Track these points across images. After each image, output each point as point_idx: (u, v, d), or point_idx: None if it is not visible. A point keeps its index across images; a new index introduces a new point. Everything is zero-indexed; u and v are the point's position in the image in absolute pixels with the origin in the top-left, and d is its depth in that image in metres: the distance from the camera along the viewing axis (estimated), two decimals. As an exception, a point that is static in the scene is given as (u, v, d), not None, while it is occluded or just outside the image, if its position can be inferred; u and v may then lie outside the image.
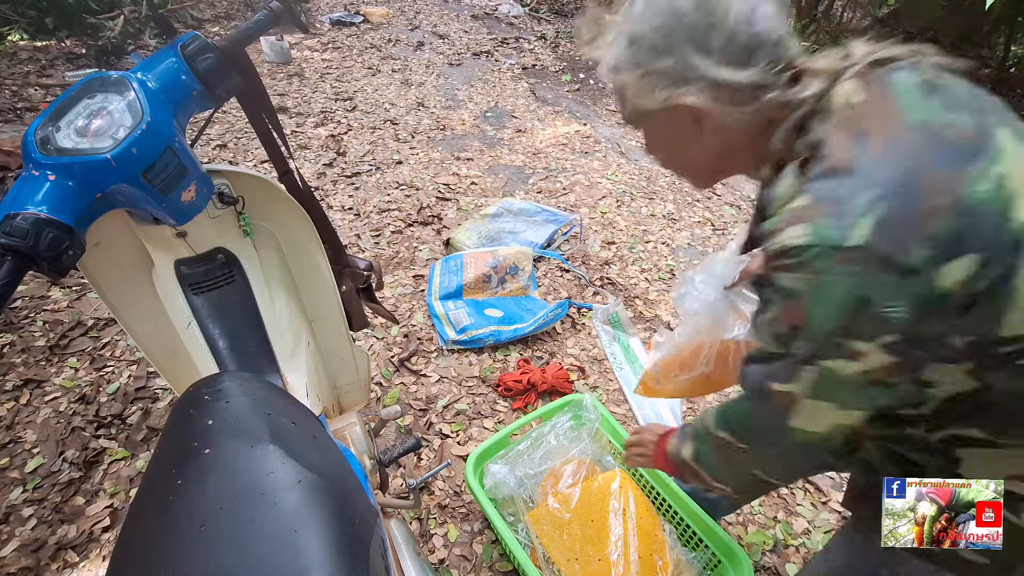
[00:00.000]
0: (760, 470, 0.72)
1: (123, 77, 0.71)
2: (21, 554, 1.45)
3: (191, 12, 5.64)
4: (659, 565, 1.35)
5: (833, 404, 0.58)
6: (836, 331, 0.52)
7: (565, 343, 2.32)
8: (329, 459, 0.66)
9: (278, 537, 0.51)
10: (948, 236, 0.48)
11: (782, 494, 1.76)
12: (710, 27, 0.57)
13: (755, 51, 0.58)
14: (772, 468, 0.71)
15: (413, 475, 1.72)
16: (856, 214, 0.49)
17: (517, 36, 6.58)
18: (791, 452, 0.66)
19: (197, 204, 0.80)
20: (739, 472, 0.74)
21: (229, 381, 0.72)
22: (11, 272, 0.60)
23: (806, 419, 0.60)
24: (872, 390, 0.56)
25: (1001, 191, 0.49)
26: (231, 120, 3.91)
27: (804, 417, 0.60)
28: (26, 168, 0.65)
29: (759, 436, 0.68)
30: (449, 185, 3.41)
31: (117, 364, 2.03)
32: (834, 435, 0.62)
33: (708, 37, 0.58)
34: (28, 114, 3.64)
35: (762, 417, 0.65)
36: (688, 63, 0.59)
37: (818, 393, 0.57)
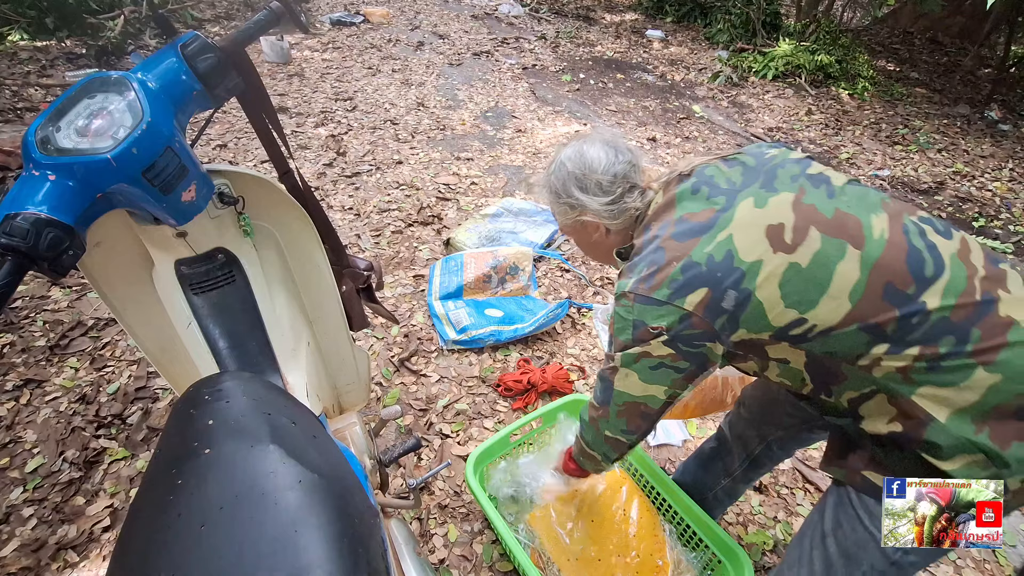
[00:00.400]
0: (608, 429, 1.01)
1: (123, 77, 0.71)
2: (21, 554, 1.45)
3: (191, 12, 5.64)
4: (659, 565, 1.35)
5: (636, 375, 0.90)
6: (631, 339, 0.87)
7: (565, 343, 2.32)
8: (329, 459, 0.66)
9: (278, 537, 0.51)
10: (682, 280, 0.80)
11: (782, 494, 1.77)
12: (585, 177, 0.95)
13: (612, 184, 0.94)
14: (615, 424, 1.00)
15: (413, 475, 1.72)
16: (634, 274, 0.86)
17: (517, 36, 6.58)
18: (622, 411, 0.96)
19: (197, 204, 0.80)
20: (600, 435, 1.04)
21: (229, 381, 0.72)
22: (11, 272, 0.60)
23: (622, 382, 0.93)
24: (664, 369, 0.87)
25: (723, 247, 0.79)
26: (231, 120, 3.91)
27: (620, 381, 0.93)
28: (26, 168, 0.65)
29: (602, 397, 0.98)
30: (449, 185, 3.41)
31: (117, 364, 2.03)
32: (648, 401, 0.92)
33: (585, 183, 0.95)
34: (28, 114, 3.64)
35: (603, 382, 0.97)
36: (578, 198, 0.96)
37: (627, 366, 0.90)
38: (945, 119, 5.21)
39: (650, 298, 0.82)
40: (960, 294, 0.75)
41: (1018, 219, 3.64)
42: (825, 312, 0.76)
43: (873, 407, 0.82)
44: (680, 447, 1.91)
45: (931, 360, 0.74)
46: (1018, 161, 4.44)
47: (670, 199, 0.88)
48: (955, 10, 7.79)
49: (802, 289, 0.77)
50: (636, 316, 0.84)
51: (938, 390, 0.75)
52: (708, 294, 0.79)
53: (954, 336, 0.74)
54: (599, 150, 0.96)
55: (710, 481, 1.40)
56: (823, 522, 0.93)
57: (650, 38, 7.04)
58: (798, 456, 1.90)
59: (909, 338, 0.75)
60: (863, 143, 4.63)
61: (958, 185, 4.06)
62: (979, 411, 0.74)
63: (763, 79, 5.81)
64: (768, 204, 0.80)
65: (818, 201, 0.80)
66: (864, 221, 0.79)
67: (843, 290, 0.76)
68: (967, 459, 0.75)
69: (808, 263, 0.76)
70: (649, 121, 4.74)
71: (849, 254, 0.76)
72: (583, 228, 1.01)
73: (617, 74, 5.74)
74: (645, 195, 0.95)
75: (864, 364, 0.78)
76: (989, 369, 0.73)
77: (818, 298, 0.76)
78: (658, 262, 0.83)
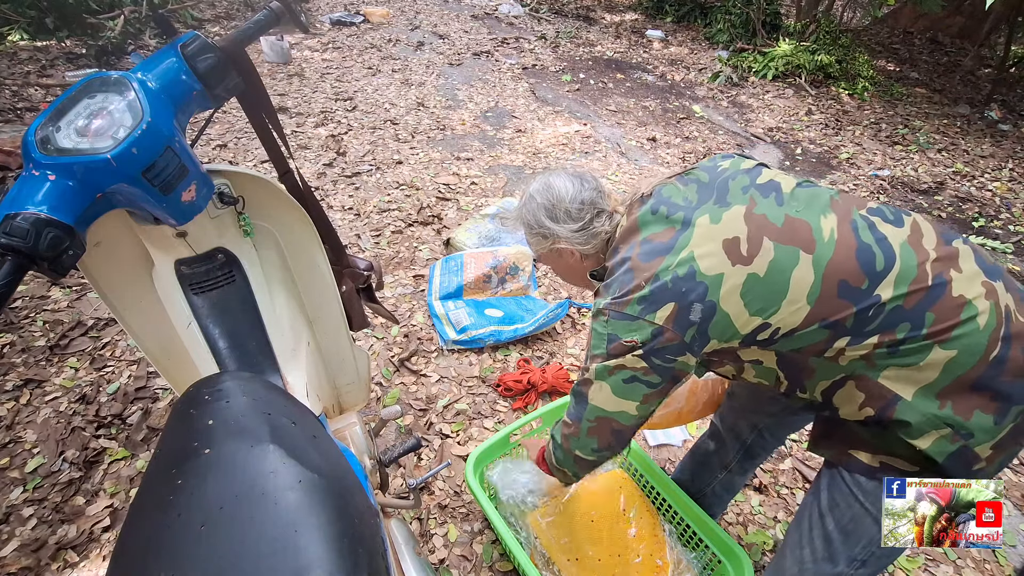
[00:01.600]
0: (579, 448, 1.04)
1: (123, 77, 0.71)
2: (21, 554, 1.45)
3: (191, 12, 5.64)
4: (659, 565, 1.35)
5: (610, 388, 0.93)
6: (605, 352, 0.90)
7: (565, 343, 2.32)
8: (329, 459, 0.66)
9: (278, 537, 0.51)
10: (650, 296, 0.84)
11: (782, 494, 1.77)
12: (554, 207, 1.00)
13: (580, 212, 0.99)
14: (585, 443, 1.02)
15: (413, 475, 1.72)
16: (607, 294, 0.90)
17: (517, 36, 6.58)
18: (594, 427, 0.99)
19: (197, 204, 0.80)
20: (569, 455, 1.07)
21: (229, 381, 0.72)
22: (11, 272, 0.60)
23: (596, 395, 0.95)
24: (636, 383, 0.91)
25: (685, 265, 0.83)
26: (231, 120, 3.91)
27: (594, 394, 0.95)
28: (26, 168, 0.65)
29: (575, 413, 1.01)
30: (449, 185, 3.41)
31: (117, 364, 2.03)
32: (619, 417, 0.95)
33: (554, 212, 1.00)
34: (28, 114, 3.64)
35: (577, 396, 1.00)
36: (549, 228, 1.01)
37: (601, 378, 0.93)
38: (945, 119, 5.21)
39: (623, 313, 0.87)
40: (911, 281, 0.79)
41: (1018, 219, 3.64)
42: (786, 315, 0.81)
43: (844, 395, 0.86)
44: (680, 447, 1.91)
45: (890, 345, 0.79)
46: (1018, 161, 4.44)
47: (633, 222, 0.93)
48: (955, 10, 7.79)
49: (763, 296, 0.82)
50: (611, 331, 0.89)
51: (900, 371, 0.80)
52: (675, 308, 0.83)
53: (909, 322, 0.79)
54: (565, 181, 1.01)
55: (707, 476, 1.41)
56: (819, 502, 0.96)
57: (650, 38, 7.04)
58: (798, 456, 1.90)
59: (867, 329, 0.80)
60: (863, 143, 4.63)
61: (958, 185, 4.06)
62: (940, 386, 0.79)
63: (763, 79, 5.81)
64: (722, 219, 0.85)
65: (768, 210, 0.85)
66: (813, 224, 0.83)
67: (800, 294, 0.81)
68: (936, 435, 0.79)
69: (765, 272, 0.81)
70: (649, 121, 4.74)
71: (802, 260, 0.81)
72: (559, 256, 1.06)
73: (617, 74, 5.74)
74: (612, 218, 1.00)
75: (830, 356, 0.83)
76: (944, 346, 0.78)
77: (778, 304, 0.81)
78: (627, 282, 0.87)
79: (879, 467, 0.86)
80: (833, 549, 0.93)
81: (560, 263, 1.09)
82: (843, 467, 0.91)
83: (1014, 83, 6.25)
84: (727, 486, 1.41)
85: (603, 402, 0.95)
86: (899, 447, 0.83)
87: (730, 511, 1.70)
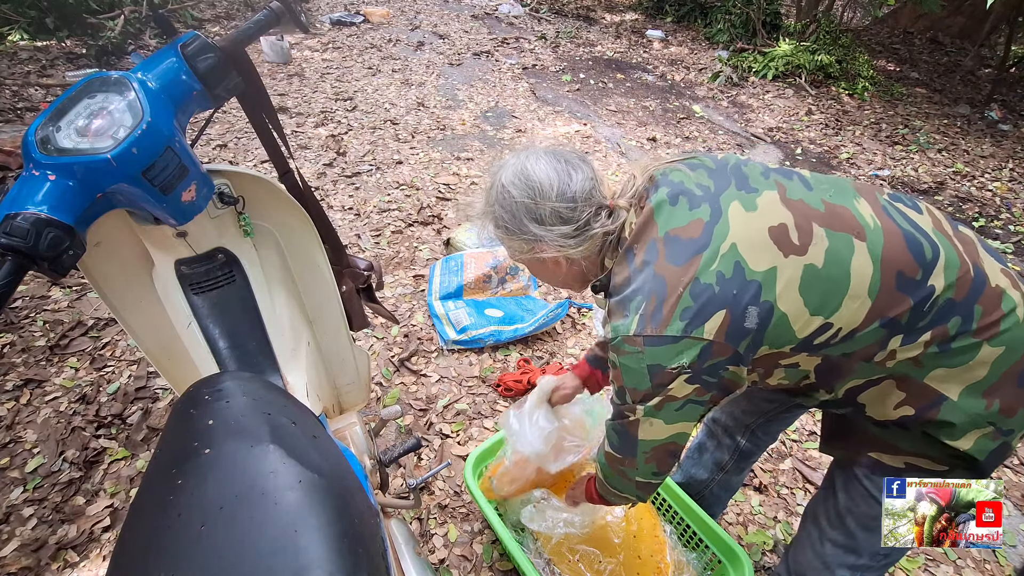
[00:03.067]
0: (640, 476, 0.91)
1: (123, 77, 0.71)
2: (21, 554, 1.45)
3: (191, 12, 5.64)
4: (660, 567, 1.35)
5: (662, 421, 0.80)
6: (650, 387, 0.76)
7: (565, 343, 2.32)
8: (329, 459, 0.66)
9: (278, 537, 0.51)
10: (695, 307, 0.71)
11: (782, 494, 1.77)
12: (538, 205, 0.79)
13: (573, 210, 0.80)
14: (644, 471, 0.90)
15: (413, 475, 1.72)
16: (631, 312, 0.75)
17: (517, 36, 6.57)
18: (650, 456, 0.86)
19: (197, 204, 0.80)
20: (630, 483, 0.94)
21: (229, 381, 0.72)
22: (11, 272, 0.60)
23: (646, 432, 0.82)
24: (690, 406, 0.78)
25: (730, 260, 0.71)
26: (231, 120, 3.91)
27: (645, 432, 0.83)
28: (26, 168, 0.65)
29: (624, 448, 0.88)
30: (449, 185, 3.41)
31: (117, 364, 2.03)
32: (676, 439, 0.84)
33: (538, 212, 0.80)
34: (28, 114, 3.64)
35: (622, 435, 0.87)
36: (532, 232, 0.81)
37: (650, 416, 0.80)
38: (945, 119, 5.21)
39: (663, 337, 0.72)
40: (957, 269, 0.74)
41: (1018, 219, 3.64)
42: (849, 314, 0.72)
43: (877, 393, 0.80)
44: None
45: (941, 343, 0.74)
46: (1018, 161, 4.44)
47: (647, 216, 0.78)
48: (955, 10, 7.78)
49: (823, 292, 0.71)
50: (649, 361, 0.74)
51: (949, 371, 0.75)
52: (727, 316, 0.70)
53: (960, 316, 0.73)
54: (546, 167, 0.80)
55: (705, 477, 1.41)
56: (836, 502, 0.94)
57: (650, 38, 7.04)
58: (798, 456, 1.90)
59: (920, 325, 0.73)
60: (863, 143, 4.63)
61: (958, 185, 4.06)
62: (987, 384, 0.74)
63: (763, 79, 5.81)
64: (758, 206, 0.75)
65: (803, 195, 0.76)
66: (852, 210, 0.76)
67: (862, 287, 0.72)
68: (978, 434, 0.75)
69: (823, 263, 0.71)
70: (649, 121, 4.73)
71: (858, 248, 0.72)
72: (541, 264, 0.88)
73: (617, 74, 5.74)
74: (615, 216, 0.83)
75: (879, 360, 0.76)
76: (993, 343, 0.74)
77: (840, 300, 0.72)
78: (660, 292, 0.72)
79: (904, 468, 0.83)
80: (856, 543, 0.91)
81: (544, 270, 0.92)
82: (861, 469, 0.88)
83: (1014, 83, 6.25)
84: (725, 486, 1.41)
85: (656, 435, 0.82)
86: (927, 448, 0.80)
87: (730, 511, 1.70)
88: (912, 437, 0.80)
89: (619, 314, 0.77)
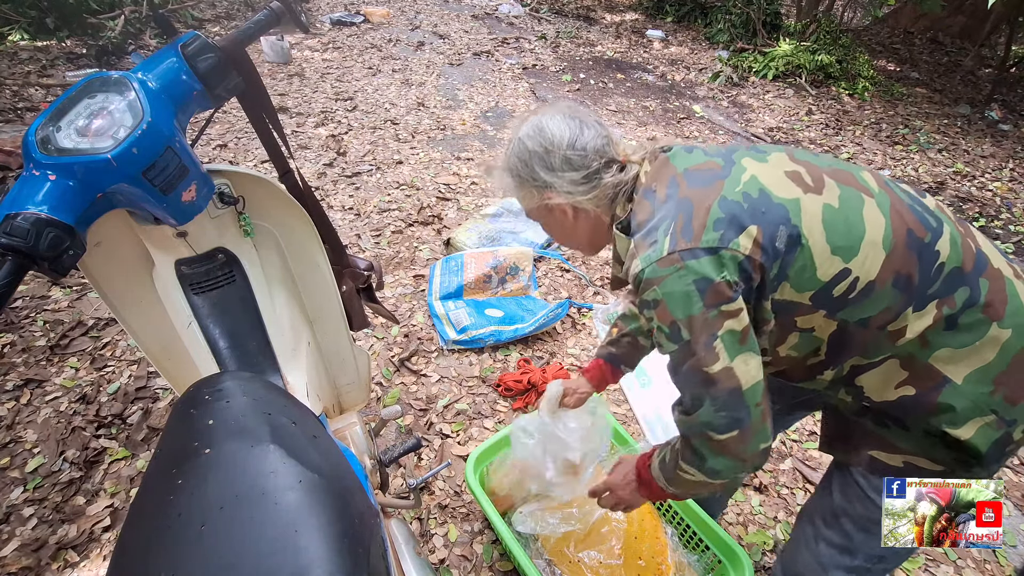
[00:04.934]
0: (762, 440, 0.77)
1: (124, 77, 0.71)
2: (22, 554, 1.45)
3: (192, 12, 5.64)
4: (662, 568, 1.35)
5: (749, 352, 0.73)
6: (703, 306, 0.70)
7: (565, 343, 2.32)
8: (329, 459, 0.66)
9: (278, 537, 0.51)
10: (725, 221, 0.70)
11: (782, 494, 1.76)
12: (550, 153, 0.84)
13: (584, 158, 0.84)
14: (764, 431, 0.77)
15: (413, 475, 1.72)
16: (660, 237, 0.73)
17: (517, 36, 6.57)
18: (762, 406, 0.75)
19: (197, 204, 0.80)
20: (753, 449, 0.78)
21: (229, 381, 0.72)
22: (11, 272, 0.60)
23: (741, 371, 0.72)
24: (751, 329, 0.74)
25: (754, 185, 0.73)
26: (231, 120, 3.91)
27: (740, 369, 0.72)
28: (27, 168, 0.65)
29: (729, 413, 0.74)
30: (449, 185, 3.41)
31: (117, 364, 2.03)
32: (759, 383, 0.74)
33: (550, 160, 0.85)
34: (29, 114, 3.64)
35: (717, 398, 0.74)
36: (542, 178, 0.86)
37: (734, 351, 0.72)
38: (945, 119, 5.21)
39: (699, 249, 0.69)
40: (960, 243, 0.75)
41: (1018, 219, 3.64)
42: (866, 260, 0.71)
43: (879, 373, 0.79)
44: (680, 447, 1.91)
45: (948, 318, 0.73)
46: (1018, 161, 4.44)
47: (663, 161, 0.82)
48: (955, 10, 7.78)
49: (843, 232, 0.71)
50: (694, 275, 0.69)
51: (954, 351, 0.74)
52: (759, 231, 0.70)
53: (968, 287, 0.73)
54: (560, 123, 0.85)
55: None
56: (832, 502, 0.94)
57: (650, 38, 7.03)
58: (798, 456, 1.90)
59: (929, 292, 0.73)
60: (863, 143, 4.63)
61: (958, 185, 4.06)
62: (997, 370, 0.74)
63: (763, 79, 5.80)
64: (768, 160, 0.77)
65: (809, 159, 0.79)
66: (857, 177, 0.78)
67: (876, 235, 0.72)
68: (980, 422, 0.74)
69: (839, 205, 0.72)
70: (649, 121, 4.73)
71: (867, 201, 0.74)
72: (549, 213, 0.91)
73: (617, 74, 5.74)
74: (627, 170, 0.86)
75: (892, 330, 0.74)
76: (1001, 324, 0.73)
77: (859, 243, 0.71)
78: (688, 211, 0.72)
79: (903, 467, 0.83)
80: (852, 544, 0.91)
81: (552, 221, 0.93)
82: (859, 468, 0.87)
83: (1015, 83, 6.25)
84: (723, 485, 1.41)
85: (750, 370, 0.73)
86: (927, 447, 0.79)
87: (730, 511, 1.70)
88: (912, 436, 0.80)
89: (646, 245, 0.75)
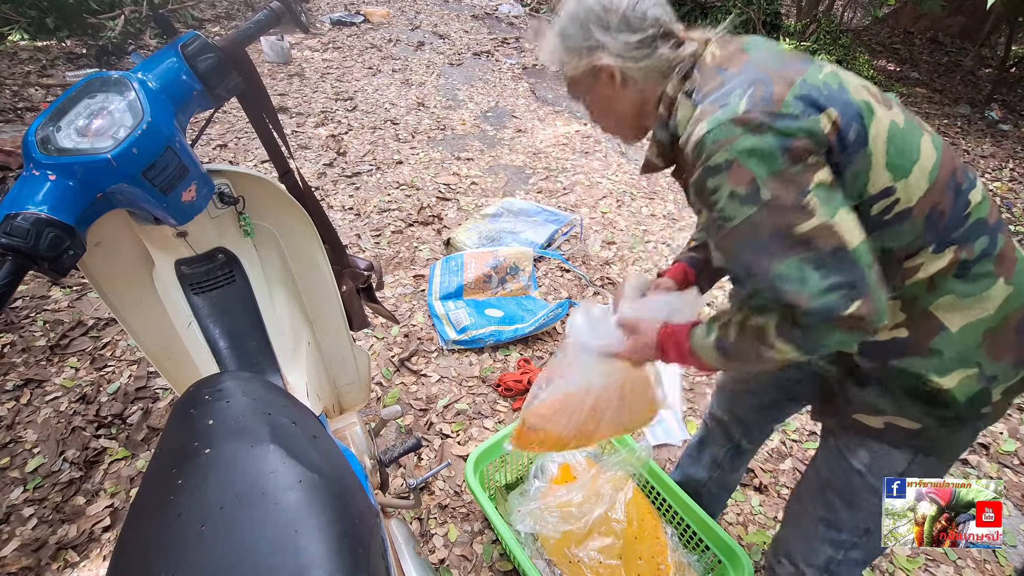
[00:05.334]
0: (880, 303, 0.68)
1: (124, 77, 0.71)
2: (22, 554, 1.45)
3: (192, 12, 5.64)
4: (661, 568, 1.35)
5: (846, 207, 0.68)
6: (785, 161, 0.66)
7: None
8: (329, 459, 0.66)
9: (279, 537, 0.51)
10: (807, 97, 0.67)
11: (782, 494, 1.76)
12: (607, 12, 0.80)
13: (642, 22, 0.80)
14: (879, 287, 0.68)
15: (413, 475, 1.72)
16: (735, 99, 0.69)
17: (517, 36, 6.57)
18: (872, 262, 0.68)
19: (197, 204, 0.81)
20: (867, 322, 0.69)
21: (229, 381, 0.72)
22: (11, 272, 0.60)
23: (847, 227, 0.67)
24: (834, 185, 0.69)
25: (835, 79, 0.71)
26: (231, 120, 3.91)
27: (844, 227, 0.67)
28: (27, 168, 0.65)
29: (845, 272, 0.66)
30: (449, 185, 3.41)
31: (117, 364, 2.03)
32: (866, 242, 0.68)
33: (607, 18, 0.80)
34: (29, 114, 3.64)
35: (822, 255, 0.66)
36: (596, 37, 0.81)
37: (832, 205, 0.67)
38: (945, 119, 5.21)
39: (781, 114, 0.66)
40: (988, 199, 0.78)
41: (1018, 219, 3.64)
42: (912, 184, 0.71)
43: None
44: (680, 446, 1.91)
45: (962, 264, 0.74)
46: (1018, 161, 4.44)
47: (738, 47, 0.79)
48: (955, 10, 7.78)
49: (902, 150, 0.71)
50: (774, 133, 0.65)
51: (957, 300, 0.75)
52: (839, 116, 0.68)
53: (988, 237, 0.75)
54: None
55: (703, 475, 1.41)
56: (818, 475, 0.96)
57: (650, 38, 7.03)
58: (798, 456, 1.90)
59: (954, 236, 0.74)
60: (863, 143, 4.63)
61: (958, 185, 4.06)
62: (989, 324, 0.76)
63: (763, 79, 5.80)
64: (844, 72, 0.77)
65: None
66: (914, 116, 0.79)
67: (928, 163, 0.73)
68: (963, 373, 0.76)
69: (903, 124, 0.73)
70: (649, 121, 4.73)
71: (925, 134, 0.75)
72: (595, 78, 0.85)
73: (617, 74, 5.74)
74: (686, 47, 0.82)
75: (908, 267, 0.75)
76: (1008, 282, 0.76)
77: (911, 165, 0.71)
78: (767, 81, 0.69)
79: (884, 428, 0.84)
80: (837, 517, 0.93)
81: (596, 89, 0.87)
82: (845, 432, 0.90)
83: (1015, 83, 6.25)
84: (722, 484, 1.41)
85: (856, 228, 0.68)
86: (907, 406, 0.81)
87: (730, 511, 1.70)
88: (893, 396, 0.81)
89: (716, 107, 0.70)
